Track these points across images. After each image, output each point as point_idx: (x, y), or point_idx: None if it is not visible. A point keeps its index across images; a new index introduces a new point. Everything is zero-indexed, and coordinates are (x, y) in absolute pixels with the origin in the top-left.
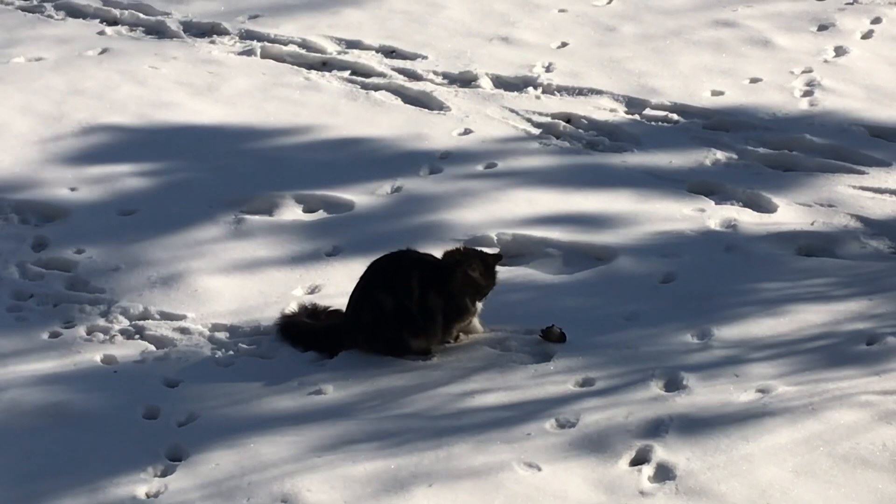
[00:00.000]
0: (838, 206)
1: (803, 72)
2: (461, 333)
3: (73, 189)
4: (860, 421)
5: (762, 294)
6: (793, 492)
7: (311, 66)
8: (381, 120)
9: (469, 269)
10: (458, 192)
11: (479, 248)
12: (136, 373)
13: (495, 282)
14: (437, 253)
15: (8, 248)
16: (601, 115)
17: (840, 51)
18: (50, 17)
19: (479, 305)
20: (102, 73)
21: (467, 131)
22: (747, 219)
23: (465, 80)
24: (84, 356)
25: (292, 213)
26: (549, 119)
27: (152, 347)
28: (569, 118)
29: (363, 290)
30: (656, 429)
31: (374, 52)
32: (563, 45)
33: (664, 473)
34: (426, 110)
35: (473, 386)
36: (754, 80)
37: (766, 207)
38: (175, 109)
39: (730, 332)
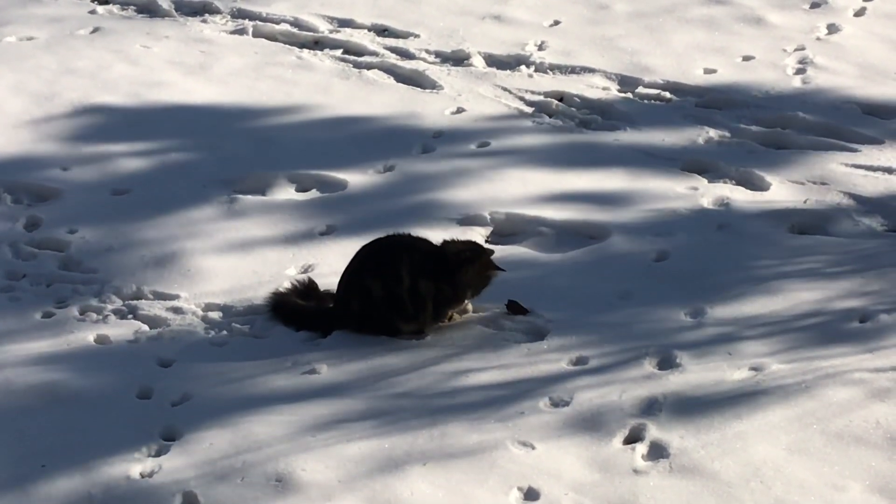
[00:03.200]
0: (831, 184)
1: (796, 49)
2: (455, 314)
3: (65, 169)
4: (853, 398)
5: (755, 272)
6: (786, 469)
7: (303, 44)
8: (374, 99)
9: (489, 266)
10: (451, 171)
11: (474, 240)
12: (130, 352)
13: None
14: (430, 235)
15: (0, 229)
16: (594, 94)
17: (833, 28)
18: None
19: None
20: (94, 52)
21: (460, 110)
22: (740, 197)
23: (457, 59)
24: (77, 336)
25: (285, 192)
26: (541, 97)
27: (145, 327)
28: (561, 96)
29: (352, 276)
30: (650, 407)
31: (366, 31)
32: (556, 23)
33: (658, 451)
34: (419, 89)
35: (467, 365)
36: (747, 58)
37: (758, 185)
38: (167, 89)
39: (723, 310)
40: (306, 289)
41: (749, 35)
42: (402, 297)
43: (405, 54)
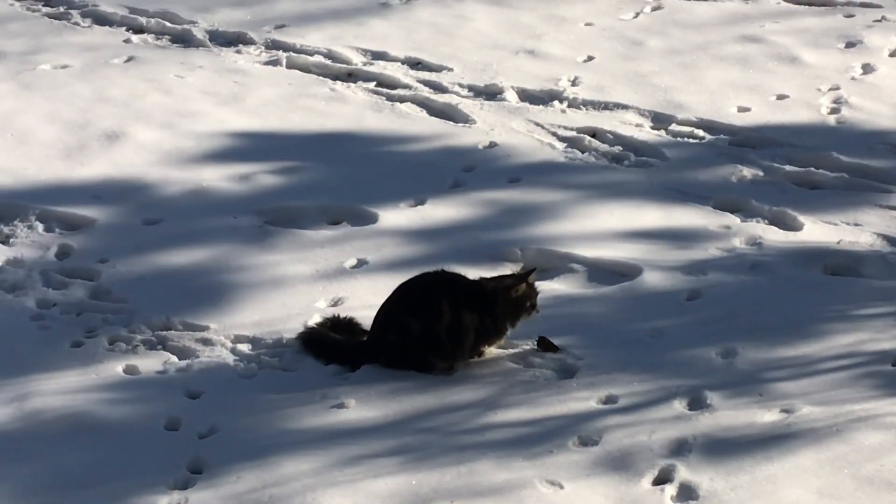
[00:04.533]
0: (864, 225)
1: (830, 89)
2: (488, 349)
3: (97, 198)
4: (885, 442)
5: (787, 313)
6: None
7: (336, 76)
8: (406, 132)
9: (510, 288)
10: (483, 206)
11: (513, 272)
12: (158, 383)
13: (536, 302)
14: (465, 271)
15: (32, 257)
16: (627, 130)
17: (867, 68)
18: (76, 24)
19: (514, 328)
20: (128, 81)
21: (492, 144)
22: (773, 237)
23: (490, 93)
24: (106, 366)
25: (317, 224)
26: (574, 133)
27: (174, 358)
28: (594, 132)
29: (390, 312)
30: (679, 448)
31: (399, 64)
32: (590, 58)
33: (687, 493)
34: (451, 123)
35: (496, 401)
36: (781, 97)
37: (791, 225)
38: (201, 119)
39: (754, 351)
40: (338, 322)
41: (783, 74)
42: (440, 335)
43: (438, 88)
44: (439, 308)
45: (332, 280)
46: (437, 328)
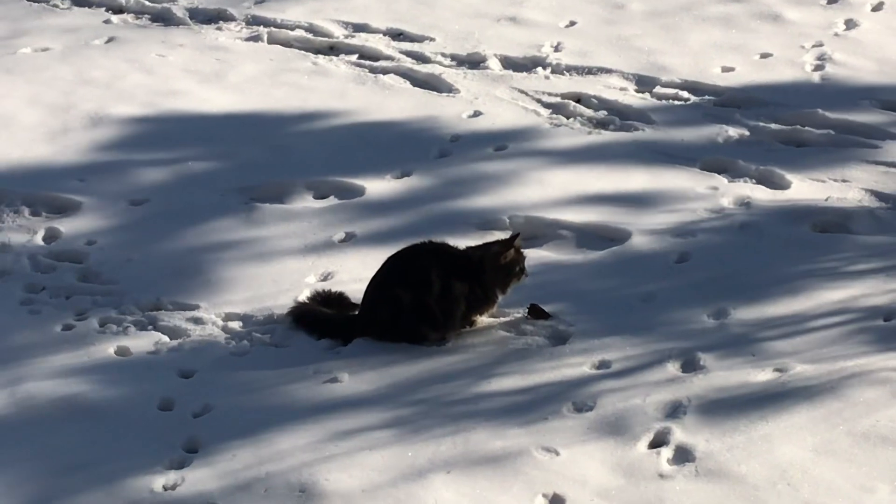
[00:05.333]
0: (852, 181)
1: (814, 46)
2: (480, 318)
3: (82, 180)
4: (879, 398)
5: (778, 272)
6: (813, 471)
7: (318, 50)
8: (390, 104)
9: (498, 255)
10: (469, 176)
11: (497, 239)
12: (150, 364)
13: (524, 267)
14: (452, 241)
15: (19, 241)
16: (611, 94)
17: (850, 24)
18: (55, 6)
19: (505, 295)
20: (110, 62)
21: (477, 113)
22: (761, 196)
23: (473, 62)
24: (97, 348)
25: (303, 199)
26: (558, 99)
27: (166, 338)
28: (579, 98)
29: (380, 285)
30: (674, 410)
31: (381, 36)
32: (572, 23)
33: (683, 455)
34: (435, 93)
35: (489, 370)
36: (765, 56)
37: (779, 184)
38: (183, 97)
39: (746, 311)
40: (328, 296)
41: (766, 32)
42: (431, 306)
43: (421, 58)
44: (429, 279)
45: (320, 254)
46: (427, 299)
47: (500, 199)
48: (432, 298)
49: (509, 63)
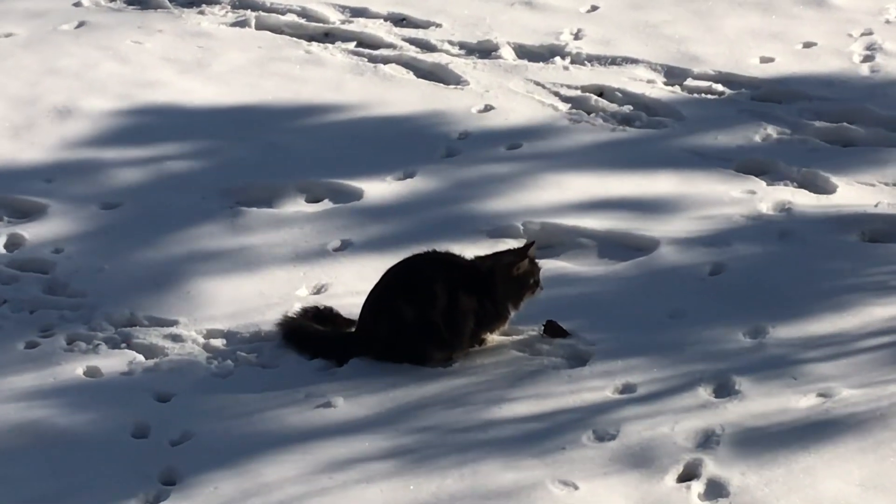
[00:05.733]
0: None
1: (863, 34)
2: (490, 336)
3: (49, 181)
4: None
5: (822, 286)
6: None
7: (311, 37)
8: (392, 97)
9: (510, 266)
10: (479, 177)
11: (508, 248)
12: (123, 386)
13: (539, 279)
14: (460, 250)
15: None
16: (637, 88)
17: None
18: None
19: (518, 310)
20: (80, 49)
21: (488, 108)
22: (803, 201)
23: (484, 51)
24: (65, 368)
25: (295, 203)
26: (579, 92)
27: (141, 357)
28: (601, 91)
29: (380, 298)
30: (706, 440)
31: (382, 21)
32: (594, 8)
33: (716, 490)
34: (441, 85)
35: (500, 395)
36: (808, 45)
37: (823, 188)
38: (162, 89)
39: (786, 329)
40: (321, 312)
41: (810, 18)
42: (437, 322)
43: (426, 46)
44: (434, 292)
45: (313, 265)
46: (432, 315)
47: (514, 204)
48: (437, 314)
49: (524, 52)
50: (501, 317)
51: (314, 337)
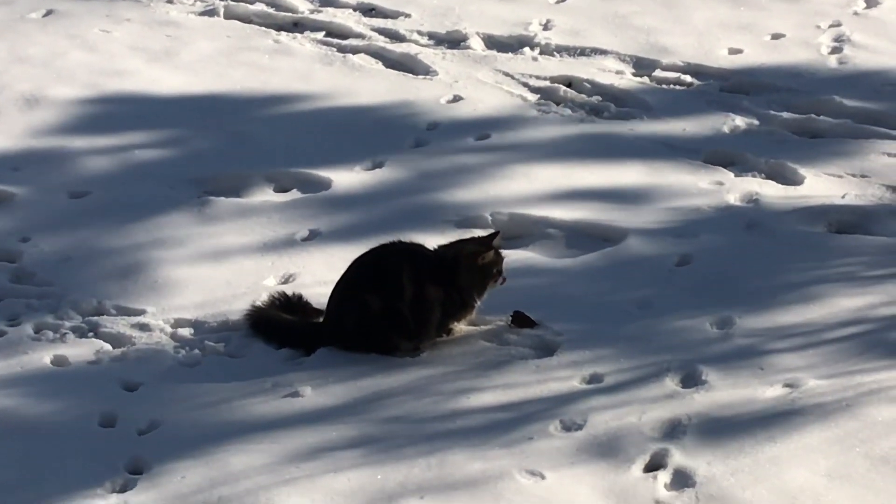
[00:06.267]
0: (872, 177)
1: (831, 26)
2: (458, 326)
3: (16, 169)
4: None
5: (789, 277)
6: (826, 497)
7: (280, 27)
8: (361, 87)
9: (475, 255)
10: (448, 168)
11: (471, 237)
12: (91, 375)
13: (502, 269)
14: (428, 241)
15: None
16: (606, 78)
17: (871, 1)
18: None
19: (482, 299)
20: (48, 38)
21: (457, 98)
22: (771, 192)
23: (453, 41)
24: (32, 357)
25: (263, 193)
26: (547, 83)
27: (108, 346)
28: (570, 82)
29: (346, 290)
30: (673, 430)
31: (351, 11)
32: None
33: (682, 480)
34: (410, 75)
35: (468, 384)
36: (776, 36)
37: (791, 179)
38: (130, 78)
39: (753, 320)
40: (289, 301)
41: (778, 10)
42: (403, 313)
43: (395, 36)
44: (400, 283)
45: (281, 254)
46: (399, 305)
47: (482, 194)
48: (404, 304)
49: (493, 42)
50: (468, 306)
51: (282, 326)
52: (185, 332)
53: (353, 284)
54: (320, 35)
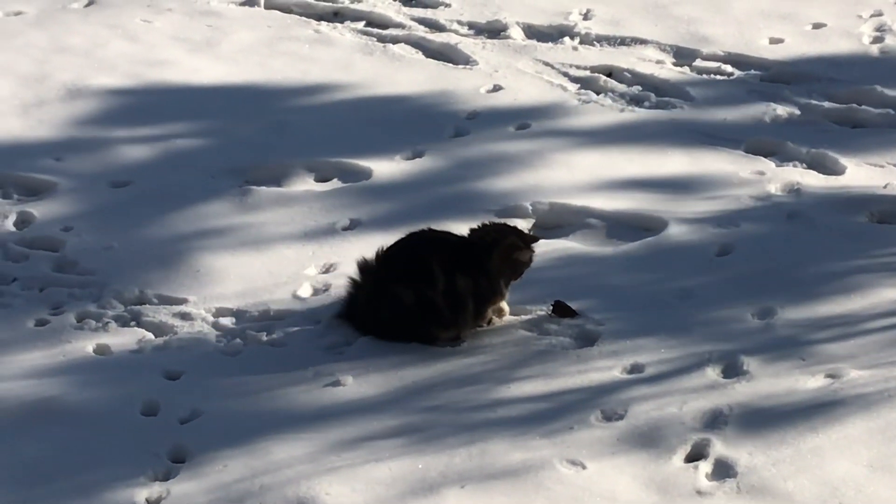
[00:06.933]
0: None
1: (872, 15)
2: (494, 316)
3: (58, 159)
4: None
5: (830, 267)
6: (868, 488)
7: (321, 16)
8: (401, 76)
9: (514, 248)
10: (488, 157)
11: (509, 224)
12: (133, 364)
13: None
14: (461, 229)
15: None
16: (646, 68)
17: None
18: None
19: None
20: (89, 28)
21: (497, 88)
22: (812, 182)
23: (493, 31)
24: (74, 346)
25: (303, 182)
26: (588, 73)
27: (150, 335)
28: (610, 72)
29: (377, 284)
30: (714, 420)
31: (391, 1)
32: None
33: (724, 470)
34: (450, 65)
35: (508, 374)
36: (817, 26)
37: (832, 169)
38: (171, 68)
39: (795, 310)
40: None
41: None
42: (437, 303)
43: (435, 26)
44: (430, 272)
45: (322, 244)
46: (432, 295)
47: (522, 184)
48: (437, 294)
49: (533, 32)
50: (497, 292)
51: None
52: (227, 321)
53: (384, 278)
54: (360, 25)
